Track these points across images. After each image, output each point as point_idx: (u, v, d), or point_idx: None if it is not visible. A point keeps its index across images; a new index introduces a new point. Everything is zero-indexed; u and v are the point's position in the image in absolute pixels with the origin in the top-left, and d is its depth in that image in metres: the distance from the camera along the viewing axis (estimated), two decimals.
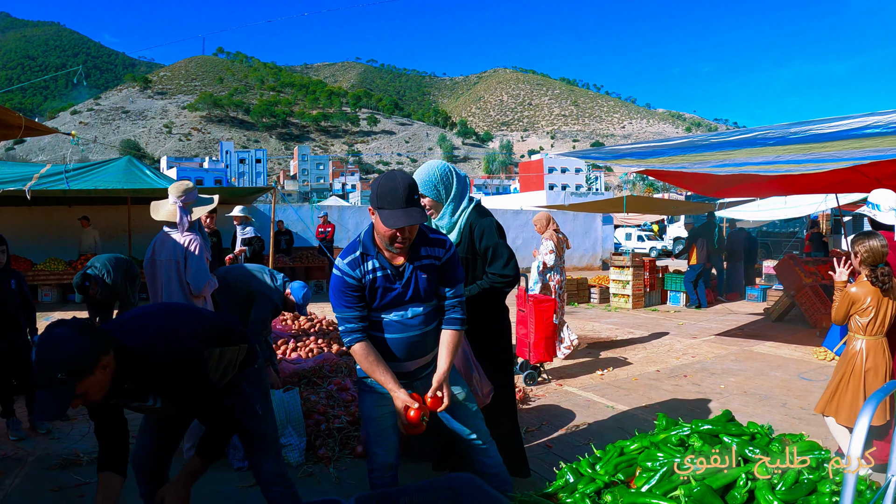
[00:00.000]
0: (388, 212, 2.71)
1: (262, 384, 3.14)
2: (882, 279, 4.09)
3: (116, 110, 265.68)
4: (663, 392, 6.60)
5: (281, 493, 3.09)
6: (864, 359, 4.17)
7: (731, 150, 6.30)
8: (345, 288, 2.93)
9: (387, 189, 2.74)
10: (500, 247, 3.81)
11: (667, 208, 18.91)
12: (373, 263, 2.92)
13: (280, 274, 6.58)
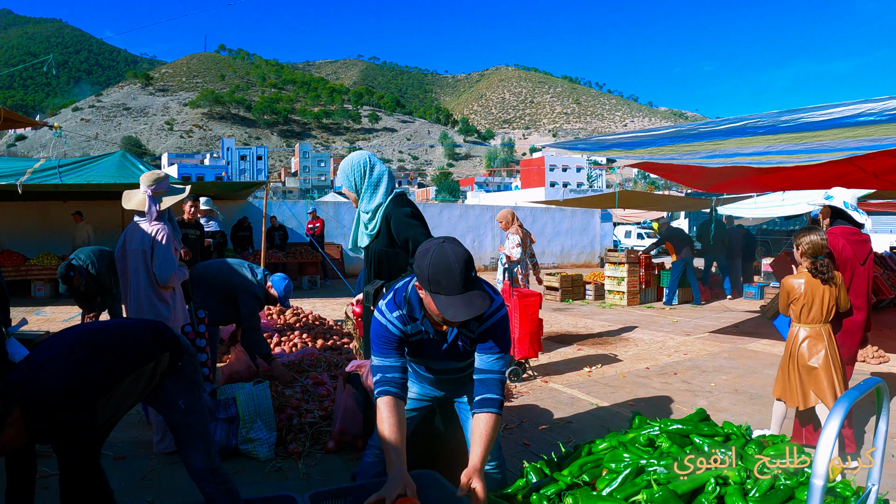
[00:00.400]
0: (445, 298, 2.41)
1: (186, 378, 2.96)
2: (821, 269, 4.37)
3: (118, 107, 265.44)
4: (651, 390, 6.41)
5: (214, 489, 2.93)
6: (803, 345, 4.45)
7: (720, 139, 6.11)
8: (387, 336, 2.71)
9: (440, 270, 2.39)
10: (420, 235, 3.68)
11: (661, 204, 18.66)
12: (423, 326, 2.74)
13: (260, 268, 6.46)
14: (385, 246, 3.76)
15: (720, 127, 5.87)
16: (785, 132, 5.56)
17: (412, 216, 3.72)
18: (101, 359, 2.58)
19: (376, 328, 2.72)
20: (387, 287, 3.09)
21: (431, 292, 2.44)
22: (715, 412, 5.57)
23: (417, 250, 2.55)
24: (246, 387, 4.87)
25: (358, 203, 3.86)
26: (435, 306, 2.45)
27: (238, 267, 6.37)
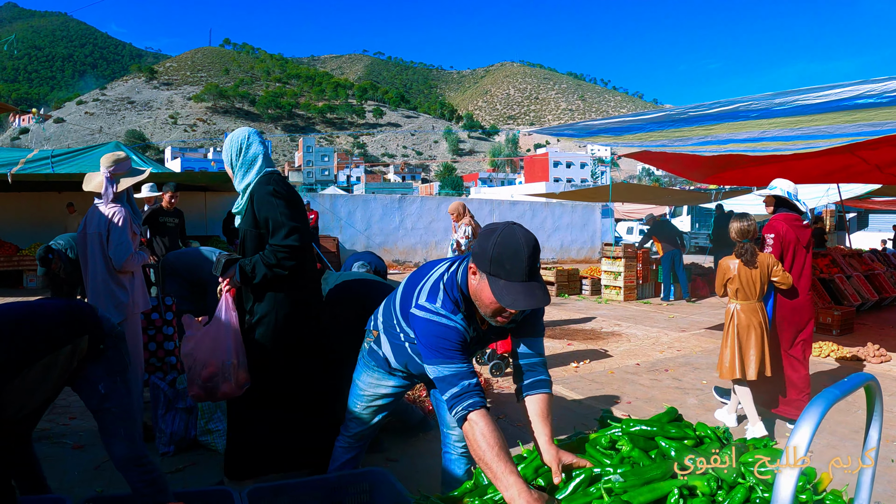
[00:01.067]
0: (506, 284, 2.13)
1: (109, 362, 2.77)
2: (741, 252, 4.80)
3: (122, 100, 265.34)
4: (639, 387, 6.14)
5: (138, 478, 2.77)
6: (738, 320, 4.81)
7: (711, 124, 5.84)
8: (459, 339, 2.32)
9: (508, 252, 2.13)
10: (282, 216, 3.38)
11: (658, 197, 18.36)
12: (475, 322, 2.44)
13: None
14: (249, 225, 3.50)
15: (711, 111, 5.59)
16: (779, 116, 5.28)
17: (274, 194, 3.43)
18: (3, 345, 2.39)
19: (440, 332, 2.32)
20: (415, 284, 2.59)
21: (490, 275, 2.16)
22: (704, 411, 5.31)
23: (482, 229, 2.29)
24: None
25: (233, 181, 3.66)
26: (490, 292, 2.17)
27: (211, 255, 6.15)
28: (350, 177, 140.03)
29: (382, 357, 2.85)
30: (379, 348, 2.86)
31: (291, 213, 3.42)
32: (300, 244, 3.36)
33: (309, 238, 3.57)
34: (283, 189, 3.50)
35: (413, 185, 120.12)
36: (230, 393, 3.27)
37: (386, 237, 21.55)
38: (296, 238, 3.34)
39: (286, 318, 3.49)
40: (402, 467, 4.07)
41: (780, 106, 5.00)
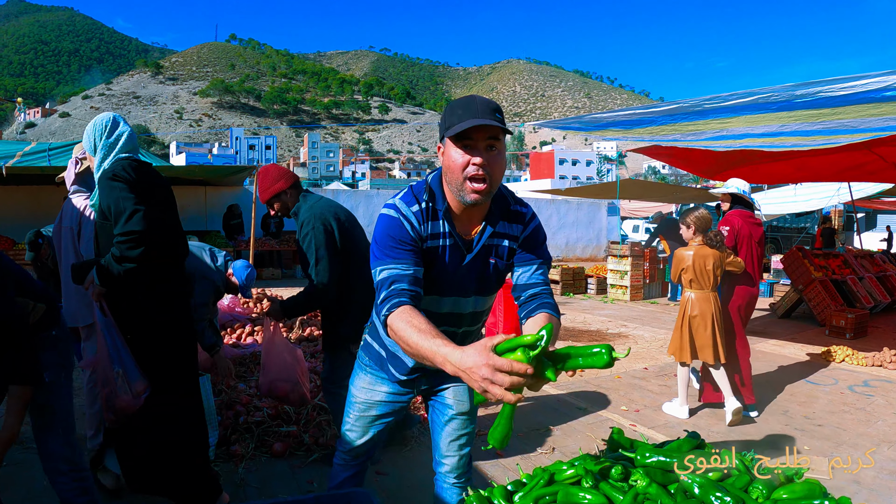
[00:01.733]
0: (459, 124, 1.94)
1: (59, 353, 2.67)
2: (716, 240, 5.14)
3: (128, 95, 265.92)
4: (647, 393, 5.83)
5: (69, 485, 2.60)
6: (691, 308, 5.11)
7: (727, 117, 5.50)
8: (402, 236, 2.08)
9: (459, 103, 2.02)
10: (122, 200, 2.91)
11: (666, 194, 17.97)
12: (443, 226, 2.15)
13: (222, 252, 5.93)
14: (101, 218, 3.08)
15: (728, 103, 5.24)
16: (801, 108, 4.94)
17: (114, 178, 2.98)
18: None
19: (385, 227, 2.11)
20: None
21: (446, 130, 1.99)
22: (717, 420, 5.02)
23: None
24: None
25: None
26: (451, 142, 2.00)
27: (197, 251, 5.87)
28: (355, 173, 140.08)
29: (377, 352, 2.50)
30: (374, 338, 2.53)
31: (136, 196, 2.95)
32: (144, 228, 2.86)
33: (167, 229, 3.11)
34: (128, 173, 3.05)
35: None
36: (128, 406, 2.88)
37: None
38: (138, 221, 2.85)
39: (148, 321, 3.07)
40: (391, 482, 3.78)
41: (802, 98, 4.67)
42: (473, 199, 2.01)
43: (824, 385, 6.21)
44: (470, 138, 1.97)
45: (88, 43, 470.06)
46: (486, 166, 1.97)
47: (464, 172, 1.98)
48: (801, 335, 9.03)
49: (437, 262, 2.16)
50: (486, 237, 2.17)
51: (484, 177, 1.98)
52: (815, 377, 6.56)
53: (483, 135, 1.96)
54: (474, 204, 2.04)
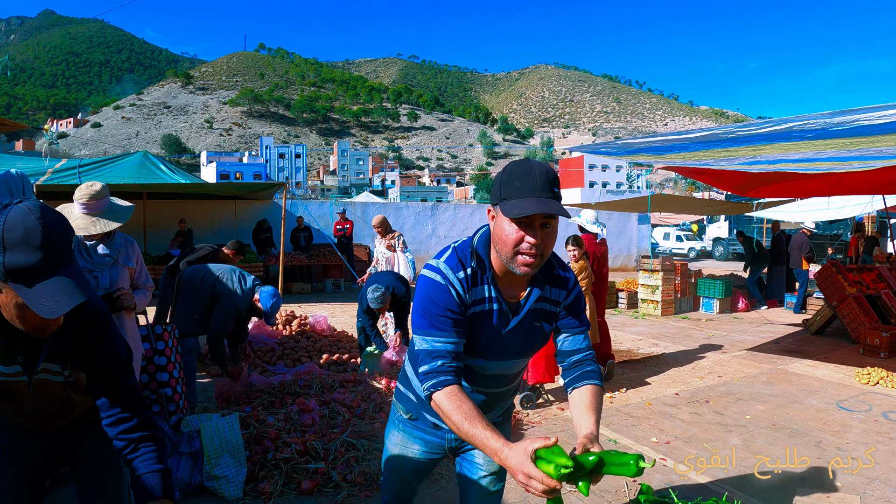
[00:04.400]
0: (516, 201, 1.88)
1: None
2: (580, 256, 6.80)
3: (158, 105, 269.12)
4: (678, 422, 5.73)
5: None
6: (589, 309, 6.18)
7: (761, 144, 5.43)
8: (448, 303, 2.04)
9: (518, 172, 1.93)
10: None
11: (696, 207, 17.77)
12: (488, 291, 2.11)
13: (251, 276, 6.02)
14: None
15: (762, 130, 5.17)
16: (837, 137, 4.86)
17: None
18: None
19: (429, 292, 2.06)
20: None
21: (501, 200, 1.94)
22: (749, 454, 4.91)
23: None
24: (213, 418, 4.43)
25: None
26: (503, 220, 1.94)
27: (227, 272, 5.96)
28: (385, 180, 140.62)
29: (412, 401, 2.45)
30: (407, 388, 2.49)
31: None
32: None
33: None
34: None
35: (448, 189, 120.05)
36: None
37: (419, 245, 21.26)
38: None
39: None
40: None
41: (839, 126, 4.59)
42: (524, 272, 1.98)
43: (858, 412, 6.09)
44: (527, 217, 1.91)
45: (119, 54, 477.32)
46: (540, 244, 1.94)
47: (515, 248, 1.94)
48: (834, 354, 8.86)
49: (482, 327, 2.12)
50: (531, 301, 2.14)
51: (537, 254, 1.94)
52: (848, 402, 6.42)
53: (540, 214, 1.90)
54: (523, 275, 2.02)
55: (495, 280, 2.10)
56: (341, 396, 5.64)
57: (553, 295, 2.19)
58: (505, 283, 2.13)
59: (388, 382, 5.91)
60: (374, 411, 5.37)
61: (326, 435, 4.80)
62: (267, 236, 16.69)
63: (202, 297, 5.84)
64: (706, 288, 13.49)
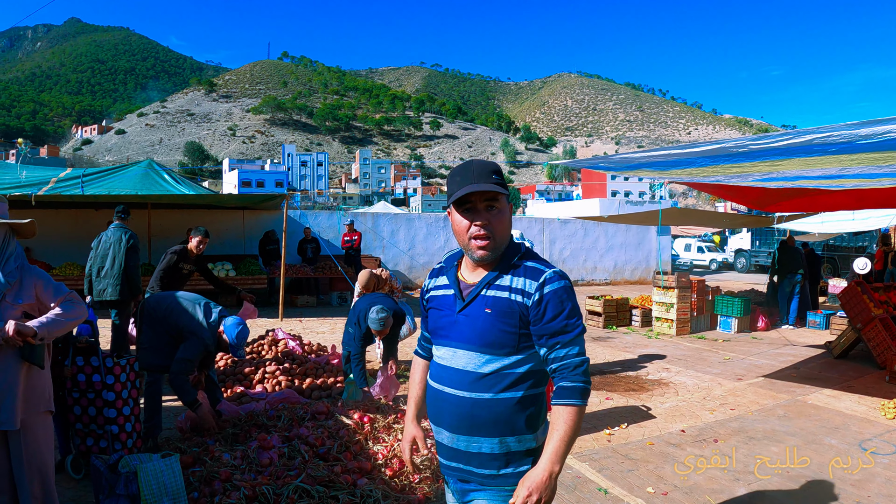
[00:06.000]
0: (456, 192, 2.12)
1: None
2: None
3: (182, 113, 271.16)
4: (681, 467, 5.09)
5: None
6: None
7: (777, 159, 4.86)
8: (421, 296, 2.50)
9: (457, 171, 2.17)
10: None
11: (711, 220, 17.08)
12: (444, 278, 2.34)
13: (217, 307, 5.56)
14: None
15: (778, 144, 4.59)
16: (865, 151, 4.28)
17: None
18: None
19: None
20: None
21: (449, 197, 2.16)
22: None
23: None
24: (154, 459, 4.03)
25: None
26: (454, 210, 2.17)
27: (192, 304, 5.50)
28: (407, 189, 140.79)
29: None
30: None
31: None
32: None
33: None
34: None
35: None
36: None
37: (430, 257, 20.82)
38: None
39: None
40: None
41: (867, 139, 4.01)
42: (480, 256, 2.14)
43: (882, 454, 5.47)
44: (470, 202, 2.11)
45: (144, 62, 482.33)
46: (488, 225, 2.10)
47: (468, 233, 2.12)
48: (857, 382, 8.23)
49: (440, 310, 2.31)
50: (482, 283, 2.18)
51: (487, 235, 2.10)
52: (872, 443, 5.79)
53: (481, 197, 2.10)
54: (482, 260, 2.16)
55: (454, 270, 2.30)
56: (307, 432, 5.14)
57: (518, 284, 2.13)
58: (471, 275, 2.25)
59: (360, 417, 5.40)
60: (339, 451, 4.85)
61: (282, 478, 4.32)
62: (273, 248, 16.31)
63: (169, 328, 5.46)
64: (724, 306, 12.85)
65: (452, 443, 2.21)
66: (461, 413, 2.16)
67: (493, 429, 2.13)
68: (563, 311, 2.09)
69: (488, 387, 2.12)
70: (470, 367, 2.15)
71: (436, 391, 2.25)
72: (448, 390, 2.20)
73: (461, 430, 2.17)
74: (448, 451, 2.25)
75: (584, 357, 2.12)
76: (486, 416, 2.12)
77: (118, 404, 4.61)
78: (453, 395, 2.18)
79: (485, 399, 2.12)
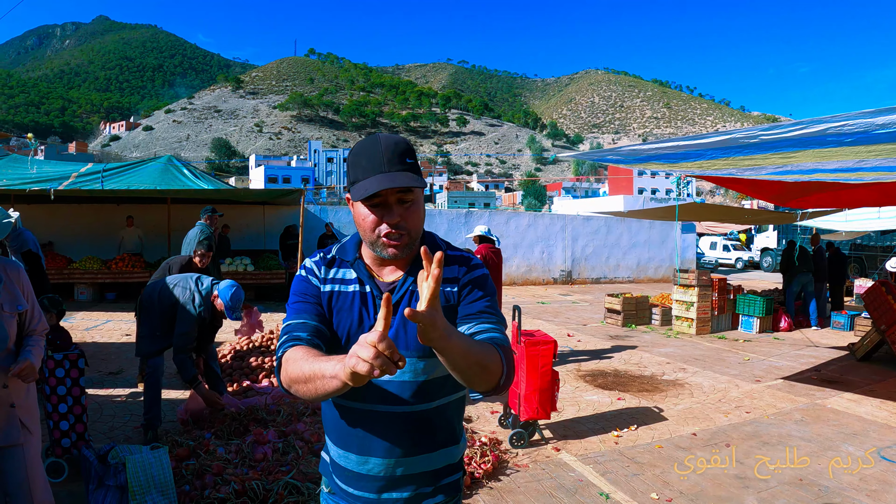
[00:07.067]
0: (363, 182, 1.69)
1: None
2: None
3: (209, 109, 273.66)
4: (688, 473, 4.91)
5: None
6: None
7: (791, 151, 4.65)
8: (304, 289, 1.84)
9: (362, 151, 1.73)
10: None
11: (733, 216, 16.71)
12: (345, 273, 1.85)
13: (209, 278, 5.59)
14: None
15: (790, 134, 4.39)
16: (883, 141, 4.06)
17: None
18: None
19: (293, 287, 1.88)
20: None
21: (351, 185, 1.74)
22: None
23: None
24: (144, 450, 4.01)
25: None
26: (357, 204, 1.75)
27: (181, 281, 5.55)
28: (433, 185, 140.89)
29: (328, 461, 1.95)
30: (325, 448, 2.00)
31: None
32: None
33: None
34: None
35: (496, 194, 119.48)
36: None
37: None
38: None
39: None
40: None
41: (884, 128, 3.79)
42: (391, 255, 1.75)
43: None
44: (378, 195, 1.69)
45: (171, 59, 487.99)
46: (402, 222, 1.72)
47: (376, 231, 1.73)
48: (880, 386, 7.95)
49: (349, 312, 1.80)
50: (407, 284, 1.80)
51: (400, 234, 1.73)
52: (892, 450, 5.54)
53: (393, 191, 1.70)
54: (393, 258, 1.78)
55: (361, 263, 1.85)
56: (304, 428, 5.05)
57: (446, 273, 1.83)
58: (381, 271, 1.85)
59: None
60: None
61: (273, 473, 4.27)
62: (293, 242, 16.30)
63: (163, 310, 5.51)
64: (746, 305, 12.57)
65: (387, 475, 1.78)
66: (406, 432, 1.78)
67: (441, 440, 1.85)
68: (488, 292, 1.84)
69: (430, 395, 1.79)
70: (406, 377, 1.76)
71: (374, 413, 1.77)
72: (391, 409, 1.77)
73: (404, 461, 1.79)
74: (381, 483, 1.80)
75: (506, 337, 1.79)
76: (426, 432, 1.81)
77: (53, 399, 4.57)
78: (396, 412, 1.76)
79: (430, 410, 1.80)
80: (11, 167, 12.51)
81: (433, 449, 1.82)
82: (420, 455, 1.80)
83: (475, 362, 1.53)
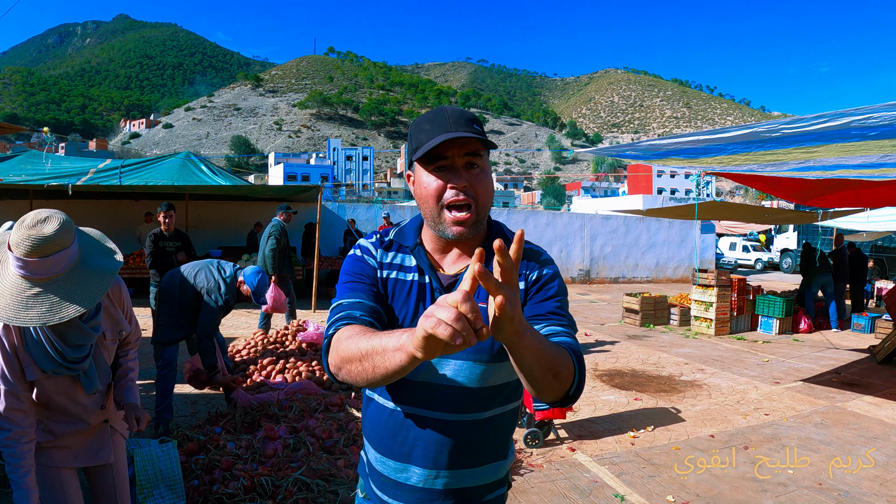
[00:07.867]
0: (427, 144, 1.51)
1: None
2: None
3: (229, 107, 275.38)
4: (706, 475, 4.83)
5: None
6: None
7: (814, 145, 4.54)
8: (358, 269, 1.64)
9: (426, 118, 1.59)
10: None
11: (751, 215, 16.47)
12: (403, 258, 1.66)
13: (230, 264, 5.62)
14: None
15: (813, 127, 4.28)
16: None
17: None
18: None
19: (345, 267, 1.68)
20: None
21: (414, 152, 1.56)
22: None
23: None
24: (152, 444, 3.94)
25: None
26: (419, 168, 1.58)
27: (203, 267, 5.62)
28: None
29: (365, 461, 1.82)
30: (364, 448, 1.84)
31: None
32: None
33: None
34: None
35: (515, 193, 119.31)
36: None
37: None
38: None
39: None
40: None
41: None
42: (457, 233, 1.56)
43: None
44: (444, 157, 1.53)
45: (191, 57, 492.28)
46: (469, 188, 1.53)
47: (440, 200, 1.55)
48: None
49: (404, 304, 1.63)
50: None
51: (467, 202, 1.54)
52: None
53: (460, 151, 1.53)
54: (458, 238, 1.57)
55: (422, 251, 1.65)
56: (315, 424, 5.00)
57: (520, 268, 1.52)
58: (445, 261, 1.67)
59: None
60: (345, 444, 4.70)
61: (283, 469, 4.20)
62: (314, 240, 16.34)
63: (185, 299, 5.54)
64: (765, 306, 12.40)
65: (430, 479, 1.62)
66: (461, 443, 1.61)
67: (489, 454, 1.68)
68: (560, 295, 1.62)
69: (484, 404, 1.62)
70: (459, 380, 1.59)
71: (425, 418, 1.60)
72: (442, 416, 1.60)
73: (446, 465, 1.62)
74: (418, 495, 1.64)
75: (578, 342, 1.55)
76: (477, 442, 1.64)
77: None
78: (448, 421, 1.60)
79: (483, 420, 1.63)
80: (30, 162, 12.55)
81: (480, 463, 1.65)
82: (465, 469, 1.63)
83: (548, 367, 1.33)
